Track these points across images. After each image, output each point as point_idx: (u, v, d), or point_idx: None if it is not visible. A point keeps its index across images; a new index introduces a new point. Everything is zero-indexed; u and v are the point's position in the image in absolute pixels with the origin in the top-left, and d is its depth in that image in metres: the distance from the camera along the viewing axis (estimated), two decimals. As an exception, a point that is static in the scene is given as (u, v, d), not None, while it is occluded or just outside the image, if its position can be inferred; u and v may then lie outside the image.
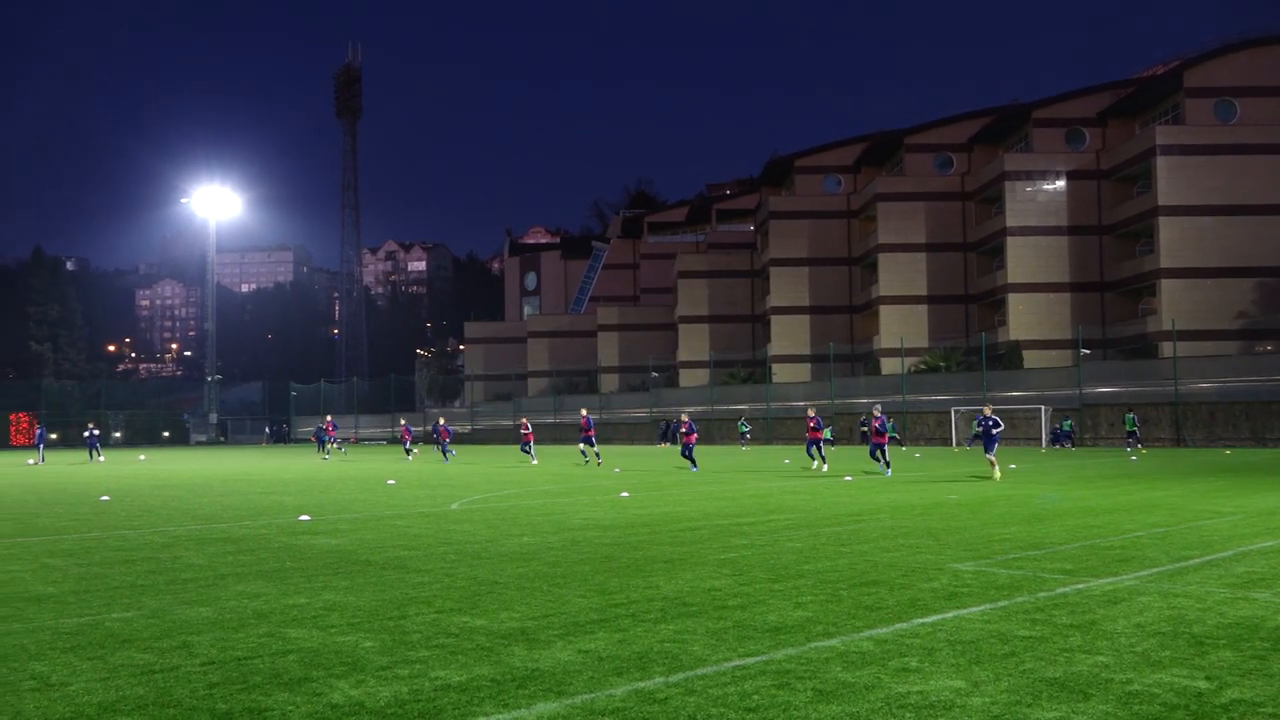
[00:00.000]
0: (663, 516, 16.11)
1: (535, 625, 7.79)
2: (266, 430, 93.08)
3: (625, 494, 20.52)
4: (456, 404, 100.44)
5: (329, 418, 39.22)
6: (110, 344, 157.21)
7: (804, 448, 29.03)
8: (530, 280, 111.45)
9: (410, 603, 8.84)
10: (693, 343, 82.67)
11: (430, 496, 21.24)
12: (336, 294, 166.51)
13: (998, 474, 24.14)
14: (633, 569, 10.54)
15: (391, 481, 26.44)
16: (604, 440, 74.09)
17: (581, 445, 34.84)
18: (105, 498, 21.64)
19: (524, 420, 40.69)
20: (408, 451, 44.41)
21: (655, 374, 78.83)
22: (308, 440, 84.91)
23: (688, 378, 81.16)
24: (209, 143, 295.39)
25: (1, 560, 11.91)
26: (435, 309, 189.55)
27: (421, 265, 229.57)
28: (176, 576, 10.50)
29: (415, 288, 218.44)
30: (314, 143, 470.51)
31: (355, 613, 8.44)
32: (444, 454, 40.88)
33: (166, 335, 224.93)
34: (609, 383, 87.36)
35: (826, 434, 35.40)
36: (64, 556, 12.18)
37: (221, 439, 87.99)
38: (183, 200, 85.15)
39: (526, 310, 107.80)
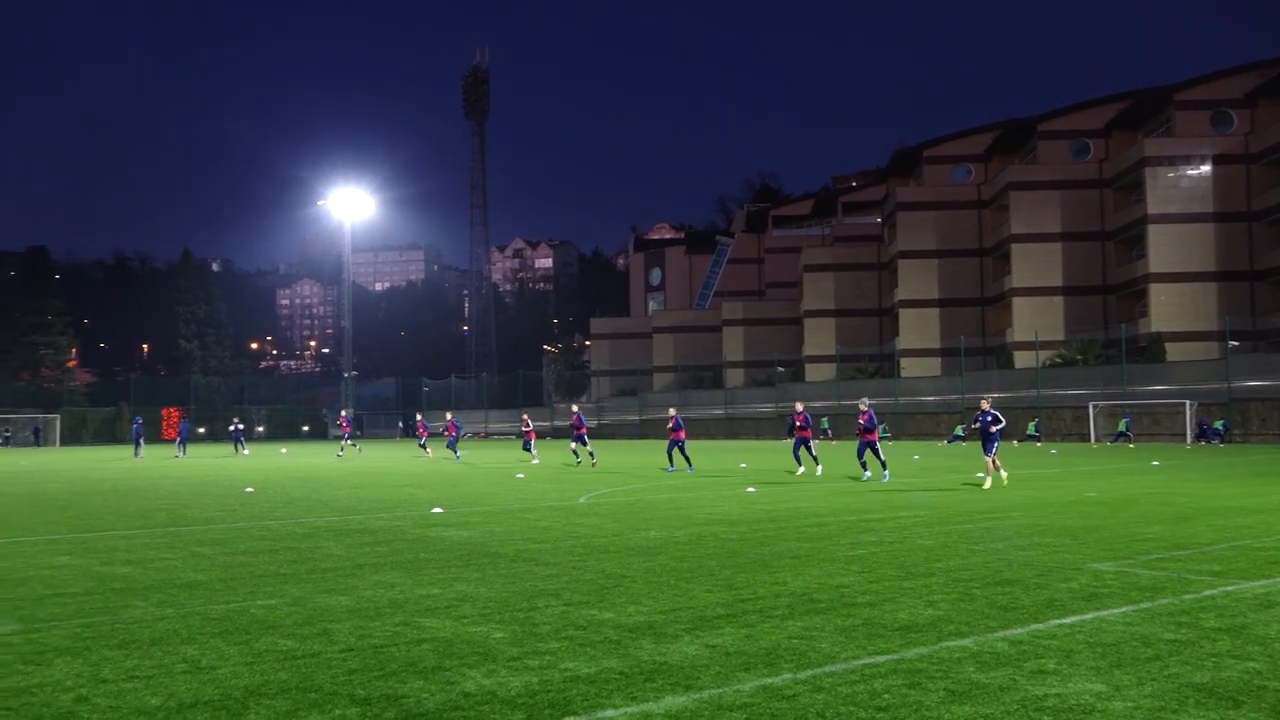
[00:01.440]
0: (789, 512, 16.00)
1: (662, 619, 7.82)
2: (399, 425, 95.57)
3: (751, 489, 20.44)
4: (583, 399, 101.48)
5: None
6: (253, 342, 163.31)
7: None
8: (655, 276, 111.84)
9: (539, 595, 8.97)
10: (818, 337, 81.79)
11: (558, 491, 21.51)
12: (466, 291, 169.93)
13: (991, 480, 20.80)
14: (759, 565, 10.50)
15: (520, 476, 26.87)
16: (731, 434, 74.04)
17: (574, 444, 32.42)
18: (250, 490, 22.51)
19: (525, 418, 38.53)
20: (423, 448, 41.81)
21: (780, 369, 78.23)
22: (434, 434, 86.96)
23: (813, 372, 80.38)
24: (345, 147, 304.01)
25: (156, 549, 12.50)
26: (562, 305, 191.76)
27: (548, 262, 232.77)
28: (316, 566, 10.87)
29: (542, 284, 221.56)
30: (444, 144, 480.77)
31: (486, 604, 8.61)
32: (453, 452, 38.74)
33: (305, 333, 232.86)
34: (734, 377, 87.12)
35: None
36: (212, 545, 12.72)
37: (358, 433, 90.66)
38: (320, 203, 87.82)
39: (651, 306, 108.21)
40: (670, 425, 28.70)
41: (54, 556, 11.84)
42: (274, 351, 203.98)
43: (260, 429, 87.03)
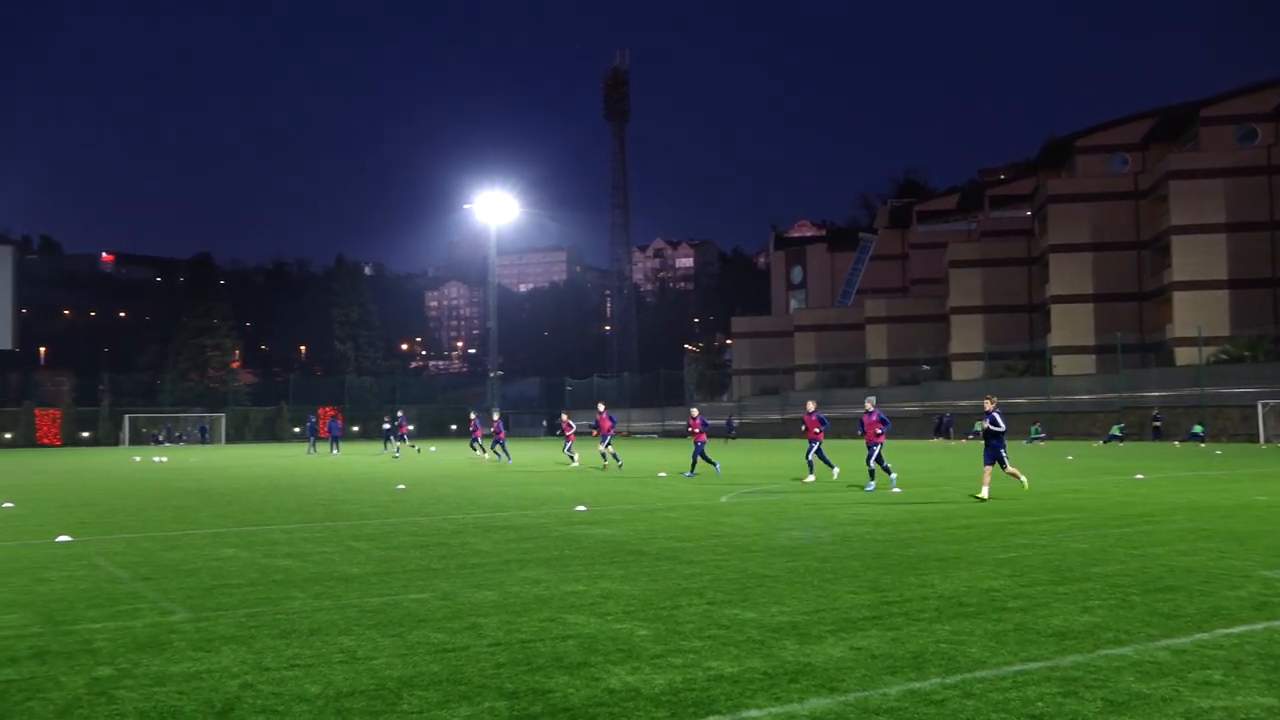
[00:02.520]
0: (936, 514, 15.66)
1: (806, 620, 7.75)
2: (544, 423, 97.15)
3: (897, 490, 20.08)
4: (724, 398, 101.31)
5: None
6: (403, 343, 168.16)
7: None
8: (796, 274, 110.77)
9: (682, 593, 9.00)
10: (965, 334, 79.68)
11: (700, 490, 21.52)
12: (608, 292, 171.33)
13: (987, 490, 17.81)
14: (906, 566, 10.30)
15: (663, 474, 26.98)
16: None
17: (601, 448, 30.47)
18: (401, 486, 23.20)
19: (564, 417, 36.71)
20: (473, 447, 42.40)
21: (926, 367, 76.53)
22: (583, 433, 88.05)
23: (960, 370, 78.37)
24: (490, 151, 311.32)
25: (314, 542, 13.01)
26: (702, 304, 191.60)
27: (689, 262, 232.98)
28: (465, 561, 11.13)
29: (683, 284, 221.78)
30: (584, 146, 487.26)
31: (630, 601, 8.67)
32: (482, 449, 38.72)
33: (453, 334, 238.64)
34: (878, 376, 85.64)
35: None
36: (367, 540, 13.17)
37: (498, 432, 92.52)
38: (466, 206, 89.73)
39: (793, 304, 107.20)
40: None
41: (220, 549, 12.44)
42: (423, 352, 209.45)
43: (410, 428, 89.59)
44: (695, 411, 27.35)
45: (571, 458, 33.15)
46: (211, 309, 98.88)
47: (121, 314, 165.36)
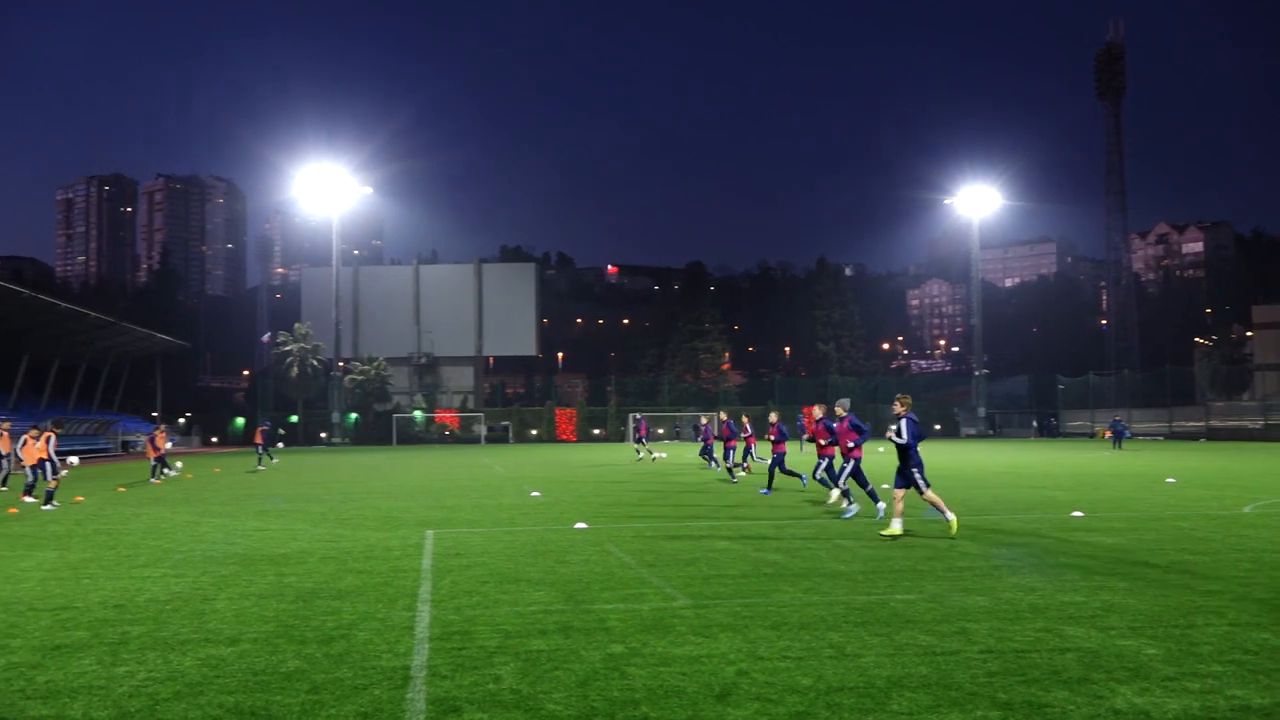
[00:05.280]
0: None
1: (1355, 652, 6.74)
2: (1034, 424, 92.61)
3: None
4: (1245, 396, 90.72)
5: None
6: (884, 342, 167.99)
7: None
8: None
9: (1197, 611, 8.19)
10: None
11: (1217, 498, 19.45)
12: (1103, 283, 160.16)
13: (898, 523, 13.23)
14: None
15: (1171, 480, 24.70)
16: None
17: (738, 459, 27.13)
18: (885, 486, 23.11)
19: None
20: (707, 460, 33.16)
21: None
22: (1080, 434, 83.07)
23: None
24: (970, 143, 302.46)
25: (802, 538, 13.35)
26: (1215, 293, 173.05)
27: (1197, 246, 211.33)
28: (953, 564, 10.89)
29: (1190, 271, 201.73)
30: (1074, 128, 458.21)
31: (1135, 616, 8.04)
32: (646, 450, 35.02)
33: (934, 332, 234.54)
34: None
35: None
36: (853, 538, 13.29)
37: (990, 431, 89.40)
38: (946, 201, 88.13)
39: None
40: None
41: (715, 541, 13.14)
42: (904, 351, 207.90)
43: (893, 427, 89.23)
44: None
45: (650, 452, 31.34)
46: (703, 314, 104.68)
47: (625, 321, 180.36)
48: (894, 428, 13.55)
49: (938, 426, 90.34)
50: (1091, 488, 22.43)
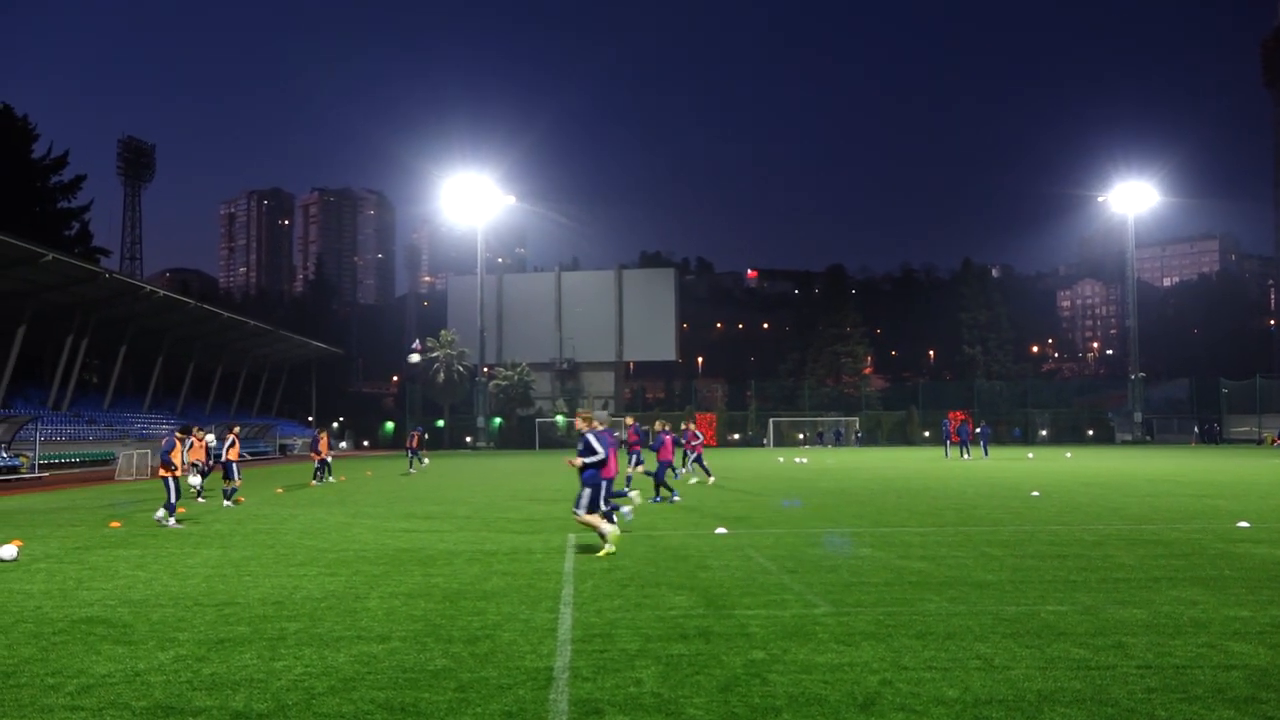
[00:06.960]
0: None
1: None
2: (1195, 430, 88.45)
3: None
4: None
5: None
6: (1033, 345, 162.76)
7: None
8: None
9: (1378, 630, 7.70)
10: None
11: (1399, 509, 18.23)
12: (1271, 282, 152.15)
13: (611, 545, 12.40)
14: None
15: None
16: None
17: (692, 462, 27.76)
18: (1035, 493, 22.45)
19: (689, 426, 29.50)
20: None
21: None
22: (1246, 441, 79.07)
23: None
24: (1125, 137, 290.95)
25: (947, 546, 13.05)
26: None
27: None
28: (1108, 575, 10.49)
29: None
30: (1238, 119, 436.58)
31: (1308, 633, 7.60)
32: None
33: (1087, 334, 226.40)
34: None
35: None
36: (1000, 546, 12.93)
37: (1147, 438, 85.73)
38: (1099, 199, 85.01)
39: None
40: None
41: (857, 548, 12.95)
42: (1055, 354, 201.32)
43: (1043, 433, 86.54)
44: (629, 420, 24.83)
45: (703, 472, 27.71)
46: (844, 318, 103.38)
47: (764, 325, 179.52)
48: (580, 443, 12.79)
49: (1090, 432, 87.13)
50: (1259, 497, 21.30)
